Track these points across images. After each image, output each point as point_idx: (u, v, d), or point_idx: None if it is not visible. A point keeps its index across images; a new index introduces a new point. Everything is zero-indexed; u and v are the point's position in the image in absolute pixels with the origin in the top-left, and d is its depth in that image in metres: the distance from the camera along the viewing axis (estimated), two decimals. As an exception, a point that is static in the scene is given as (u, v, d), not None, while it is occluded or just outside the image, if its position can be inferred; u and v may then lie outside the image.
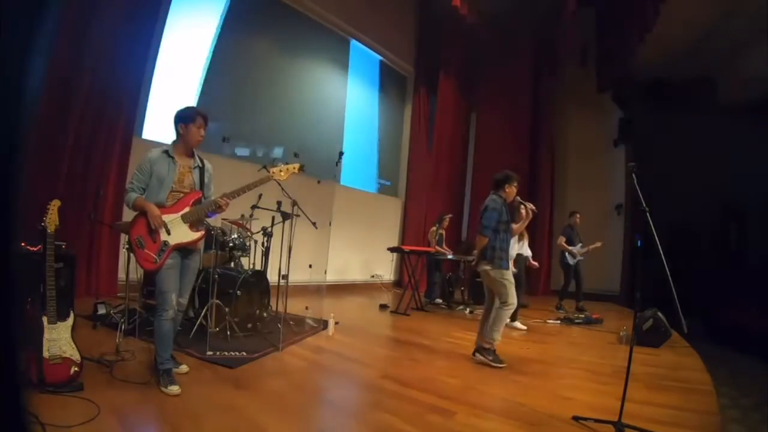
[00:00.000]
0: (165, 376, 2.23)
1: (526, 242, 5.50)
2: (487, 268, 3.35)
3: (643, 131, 7.75)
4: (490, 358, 3.22)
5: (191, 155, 2.46)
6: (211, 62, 5.65)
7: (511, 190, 3.49)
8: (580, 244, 6.29)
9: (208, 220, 2.61)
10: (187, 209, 2.35)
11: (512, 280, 3.39)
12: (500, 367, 3.17)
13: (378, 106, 8.77)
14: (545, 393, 2.67)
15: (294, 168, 2.58)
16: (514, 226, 3.65)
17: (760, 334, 4.60)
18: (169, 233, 2.27)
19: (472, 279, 6.96)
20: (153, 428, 1.90)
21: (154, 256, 2.25)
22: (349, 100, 7.99)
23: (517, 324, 4.91)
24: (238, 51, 6.01)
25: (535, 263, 5.80)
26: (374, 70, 8.57)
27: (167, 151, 2.37)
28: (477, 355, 3.29)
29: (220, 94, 5.71)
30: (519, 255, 5.19)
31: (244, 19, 6.03)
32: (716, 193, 6.57)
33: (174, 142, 2.41)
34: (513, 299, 3.31)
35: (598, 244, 6.34)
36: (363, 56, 8.26)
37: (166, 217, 2.28)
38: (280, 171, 2.54)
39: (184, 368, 2.52)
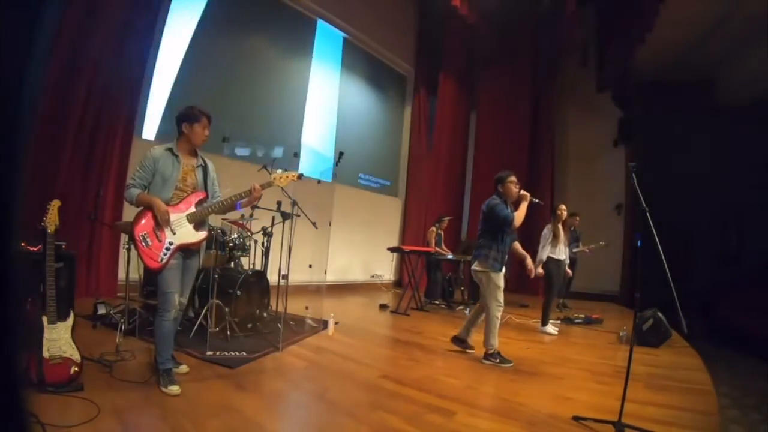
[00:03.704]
0: (165, 376, 2.23)
1: (561, 245, 4.92)
2: (478, 268, 3.39)
3: (643, 131, 7.75)
4: (497, 360, 3.28)
5: (194, 154, 2.46)
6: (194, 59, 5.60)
7: (507, 188, 3.36)
8: (574, 244, 6.29)
9: (214, 216, 2.62)
10: (192, 209, 2.35)
11: (501, 284, 3.35)
12: (509, 367, 3.22)
13: (378, 106, 8.76)
14: (545, 393, 2.67)
15: (293, 176, 2.59)
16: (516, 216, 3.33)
17: (759, 334, 4.60)
18: (174, 233, 2.27)
19: (471, 279, 6.95)
20: (153, 428, 1.90)
21: (159, 254, 2.24)
22: (350, 100, 7.98)
23: (549, 327, 4.84)
24: (236, 49, 6.01)
25: (569, 271, 5.24)
26: (372, 69, 8.54)
27: (171, 149, 2.36)
28: (484, 361, 3.33)
29: (219, 92, 5.71)
30: (550, 258, 4.82)
31: (238, 15, 5.99)
32: (716, 193, 6.57)
33: (176, 140, 2.40)
34: (497, 304, 3.33)
35: (602, 243, 6.34)
36: (361, 55, 8.25)
37: (172, 216, 2.27)
38: (281, 177, 2.56)
39: (184, 368, 2.52)
